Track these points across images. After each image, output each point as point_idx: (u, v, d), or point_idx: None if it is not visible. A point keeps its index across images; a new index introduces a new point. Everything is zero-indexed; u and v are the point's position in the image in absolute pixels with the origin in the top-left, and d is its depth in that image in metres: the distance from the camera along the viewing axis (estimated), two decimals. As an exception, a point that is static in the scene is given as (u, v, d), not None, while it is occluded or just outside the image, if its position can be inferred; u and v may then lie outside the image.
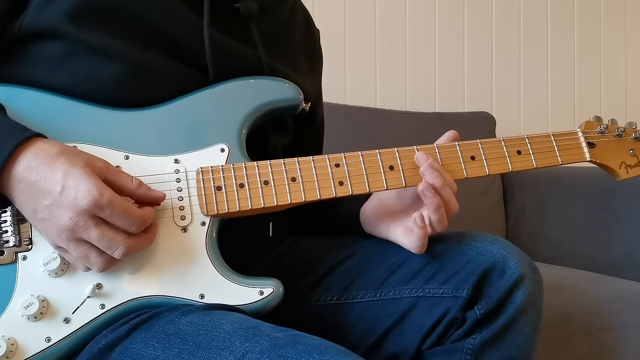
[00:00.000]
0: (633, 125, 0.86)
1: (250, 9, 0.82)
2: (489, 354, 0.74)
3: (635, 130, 0.85)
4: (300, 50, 0.94)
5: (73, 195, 0.60)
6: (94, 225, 0.61)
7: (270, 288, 0.70)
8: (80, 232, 0.61)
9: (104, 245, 0.62)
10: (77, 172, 0.61)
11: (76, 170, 0.61)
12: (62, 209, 0.61)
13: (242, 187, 0.72)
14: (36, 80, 0.71)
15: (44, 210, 0.62)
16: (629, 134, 0.85)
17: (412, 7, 2.04)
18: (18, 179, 0.62)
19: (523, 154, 0.80)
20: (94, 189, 0.60)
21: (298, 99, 0.79)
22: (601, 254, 1.58)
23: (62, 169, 0.61)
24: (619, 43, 2.37)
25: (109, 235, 0.62)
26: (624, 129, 0.85)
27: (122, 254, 0.63)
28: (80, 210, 0.60)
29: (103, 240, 0.62)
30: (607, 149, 0.83)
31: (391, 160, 0.77)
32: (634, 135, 0.85)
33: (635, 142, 0.85)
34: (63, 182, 0.61)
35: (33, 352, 0.64)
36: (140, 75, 0.73)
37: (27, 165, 0.62)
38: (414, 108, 1.97)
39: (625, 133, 0.85)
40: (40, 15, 0.71)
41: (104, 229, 0.62)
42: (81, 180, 0.61)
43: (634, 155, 0.84)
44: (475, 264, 0.75)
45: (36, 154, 0.62)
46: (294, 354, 0.56)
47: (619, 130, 0.84)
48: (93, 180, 0.61)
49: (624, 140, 0.84)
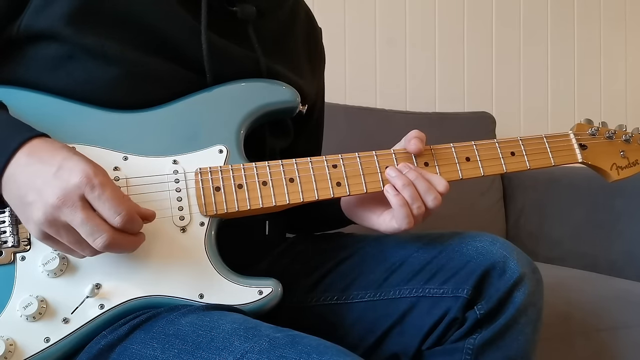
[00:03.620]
0: (623, 128, 0.88)
1: (248, 13, 0.82)
2: (489, 354, 0.74)
3: (625, 133, 0.87)
4: (301, 50, 0.94)
5: (67, 174, 0.60)
6: (81, 207, 0.59)
7: (269, 288, 0.70)
8: (65, 213, 0.59)
9: (87, 231, 0.60)
10: (76, 159, 0.61)
11: (76, 157, 0.62)
12: (52, 188, 0.60)
13: (241, 188, 0.72)
14: (34, 82, 0.71)
15: (33, 192, 0.60)
16: (620, 136, 0.87)
17: (412, 7, 2.04)
18: (14, 172, 0.62)
19: (517, 155, 0.81)
20: (89, 169, 0.60)
21: (295, 101, 0.79)
22: (601, 254, 1.58)
23: (63, 154, 0.62)
24: (619, 43, 2.37)
25: (94, 220, 0.60)
26: (615, 131, 0.87)
27: (103, 244, 0.60)
28: (71, 187, 0.59)
29: (87, 225, 0.59)
30: (599, 150, 0.85)
31: (388, 162, 0.78)
32: (624, 137, 0.87)
33: (626, 144, 0.87)
34: (60, 164, 0.61)
35: (32, 352, 0.64)
36: (138, 78, 0.73)
37: (28, 159, 0.62)
38: (414, 108, 1.97)
39: (616, 135, 0.87)
40: (38, 17, 0.70)
41: (90, 213, 0.60)
42: (79, 163, 0.61)
43: (625, 157, 0.86)
44: (475, 264, 0.75)
45: (39, 146, 0.62)
46: (294, 354, 0.56)
47: (609, 133, 0.86)
48: (90, 165, 0.61)
49: (615, 142, 0.87)
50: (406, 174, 0.75)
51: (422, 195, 0.74)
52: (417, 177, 0.75)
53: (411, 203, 0.74)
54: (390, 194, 0.74)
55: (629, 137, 0.87)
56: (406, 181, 0.74)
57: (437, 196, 0.75)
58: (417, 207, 0.74)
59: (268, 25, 0.86)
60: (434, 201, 0.74)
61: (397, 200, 0.74)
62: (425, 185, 0.74)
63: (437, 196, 0.75)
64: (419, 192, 0.74)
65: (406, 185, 0.74)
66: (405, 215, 0.74)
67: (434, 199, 0.74)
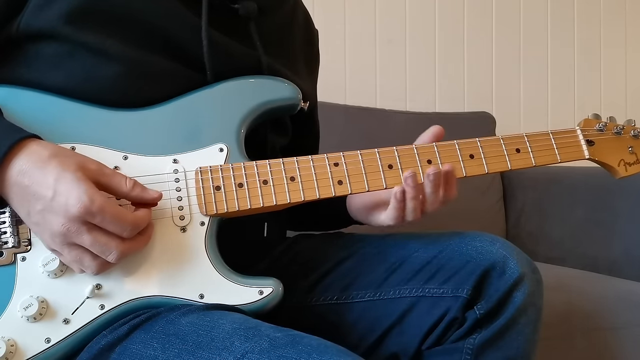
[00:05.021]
0: (632, 123, 0.86)
1: (250, 10, 0.82)
2: (488, 354, 0.74)
3: (634, 128, 0.85)
4: (299, 51, 0.94)
5: (64, 201, 0.60)
6: (87, 230, 0.61)
7: (270, 288, 0.70)
8: (73, 237, 0.61)
9: (98, 250, 0.62)
10: (68, 177, 0.61)
11: (68, 174, 0.61)
12: (54, 215, 0.61)
13: (241, 187, 0.72)
14: (34, 81, 0.71)
15: (36, 214, 0.62)
16: (628, 132, 0.85)
17: (412, 7, 2.04)
18: (11, 183, 0.62)
19: (522, 152, 0.80)
20: (84, 196, 0.60)
21: (297, 98, 0.79)
22: (601, 254, 1.58)
23: (54, 173, 0.61)
24: (619, 43, 2.37)
25: (102, 240, 0.62)
26: (623, 127, 0.85)
27: (116, 258, 0.63)
28: (71, 217, 0.60)
29: (96, 245, 0.62)
30: (606, 146, 0.83)
31: (390, 159, 0.77)
32: (632, 132, 0.85)
33: (634, 140, 0.85)
34: (55, 187, 0.61)
35: (33, 353, 0.64)
36: (138, 76, 0.73)
37: (20, 169, 0.62)
38: (414, 108, 1.97)
39: (624, 131, 0.85)
40: (38, 16, 0.70)
41: (97, 234, 0.62)
42: (72, 185, 0.60)
43: (633, 153, 0.84)
44: (475, 264, 0.75)
45: (29, 157, 0.62)
46: (294, 354, 0.56)
47: (617, 128, 0.84)
48: (84, 186, 0.61)
49: (623, 137, 0.85)
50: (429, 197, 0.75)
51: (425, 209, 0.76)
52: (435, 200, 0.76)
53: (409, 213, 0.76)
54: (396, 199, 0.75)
55: (638, 133, 0.85)
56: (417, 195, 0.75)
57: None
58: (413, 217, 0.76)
59: (269, 23, 0.86)
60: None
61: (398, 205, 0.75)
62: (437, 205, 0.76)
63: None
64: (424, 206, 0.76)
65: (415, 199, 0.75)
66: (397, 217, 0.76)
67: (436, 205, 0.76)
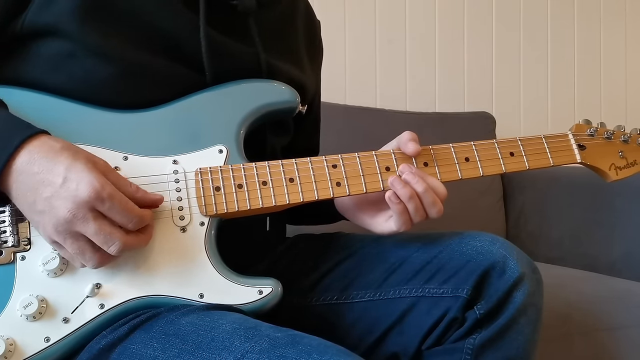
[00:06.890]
0: (621, 128, 0.88)
1: (248, 5, 0.81)
2: (488, 354, 0.74)
3: (623, 133, 0.88)
4: (301, 43, 0.93)
5: (74, 186, 0.60)
6: (93, 218, 0.61)
7: (269, 287, 0.70)
8: (78, 225, 0.61)
9: (101, 240, 0.62)
10: (79, 166, 0.62)
11: (79, 164, 0.62)
12: (62, 200, 0.61)
13: (241, 188, 0.72)
14: (35, 81, 0.71)
15: (43, 202, 0.62)
16: (618, 137, 0.87)
17: (412, 7, 2.04)
18: (19, 171, 0.62)
19: (516, 155, 0.81)
20: (96, 182, 0.61)
21: (295, 101, 0.79)
22: (601, 254, 1.58)
23: (65, 163, 0.62)
24: (619, 43, 2.37)
25: (106, 229, 0.62)
26: (613, 132, 0.87)
27: (117, 250, 0.62)
28: (80, 202, 0.60)
29: (100, 235, 0.61)
30: (597, 151, 0.86)
31: (387, 162, 0.77)
32: (622, 137, 0.87)
33: (624, 145, 0.87)
34: (65, 174, 0.61)
35: (32, 352, 0.64)
36: (137, 77, 0.73)
37: (30, 158, 0.62)
38: (414, 108, 1.97)
39: (614, 136, 0.87)
40: (43, 12, 0.71)
41: (102, 222, 0.62)
42: (84, 173, 0.61)
43: (623, 157, 0.87)
44: (475, 264, 0.75)
45: (40, 147, 0.62)
46: (294, 354, 0.56)
47: (608, 133, 0.87)
48: (95, 174, 0.62)
49: (613, 142, 0.87)
50: (414, 185, 0.74)
51: (426, 207, 0.75)
52: (425, 190, 0.74)
53: (414, 214, 0.74)
54: (392, 202, 0.74)
55: (628, 138, 0.87)
56: (412, 193, 0.74)
57: (440, 208, 0.75)
58: (419, 216, 0.75)
59: (269, 17, 0.86)
60: (437, 213, 0.75)
61: (399, 208, 0.74)
62: (432, 198, 0.74)
63: (440, 208, 0.75)
64: (423, 204, 0.74)
65: (412, 197, 0.74)
66: (405, 221, 0.75)
67: (437, 212, 0.75)
